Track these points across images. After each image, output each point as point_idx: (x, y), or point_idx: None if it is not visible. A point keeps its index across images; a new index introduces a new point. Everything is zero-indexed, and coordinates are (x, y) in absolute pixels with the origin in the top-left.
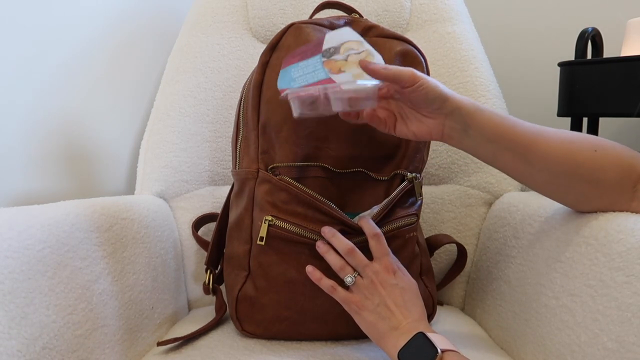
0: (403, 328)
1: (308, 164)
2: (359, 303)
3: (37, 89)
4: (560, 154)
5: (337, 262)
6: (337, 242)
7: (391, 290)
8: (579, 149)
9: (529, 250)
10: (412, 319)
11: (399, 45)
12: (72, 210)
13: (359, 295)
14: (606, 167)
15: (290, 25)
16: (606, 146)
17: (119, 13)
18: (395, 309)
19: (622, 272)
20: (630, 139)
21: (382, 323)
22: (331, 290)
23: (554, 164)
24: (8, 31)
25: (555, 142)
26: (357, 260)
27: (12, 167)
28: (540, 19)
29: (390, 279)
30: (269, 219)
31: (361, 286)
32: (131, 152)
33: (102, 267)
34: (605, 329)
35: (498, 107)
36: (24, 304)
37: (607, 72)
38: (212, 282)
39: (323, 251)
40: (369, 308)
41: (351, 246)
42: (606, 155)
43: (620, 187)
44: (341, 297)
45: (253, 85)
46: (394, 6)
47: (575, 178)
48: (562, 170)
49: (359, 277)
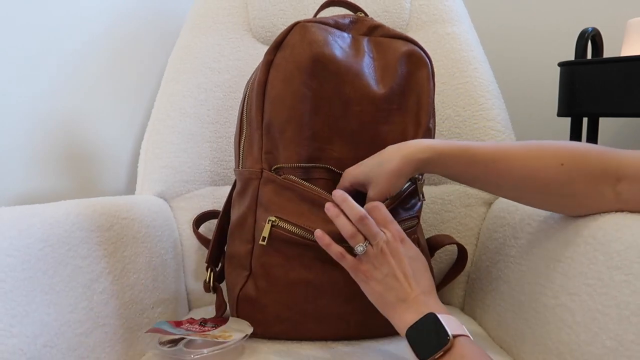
0: (411, 301)
1: (312, 166)
2: (368, 272)
3: (37, 89)
4: (524, 173)
5: (348, 228)
6: (348, 208)
7: (400, 260)
8: (544, 166)
9: (528, 250)
10: (421, 291)
11: (404, 46)
12: (73, 209)
13: (367, 265)
14: (575, 179)
15: (296, 24)
16: (575, 156)
17: (119, 13)
18: (404, 279)
19: (620, 270)
20: (630, 139)
21: (389, 294)
22: (340, 256)
23: (520, 184)
24: (8, 31)
25: (518, 161)
26: (368, 228)
27: (12, 167)
28: (540, 19)
29: (400, 247)
30: (272, 220)
31: (371, 255)
32: (131, 152)
33: (103, 267)
34: (605, 328)
35: (497, 108)
36: (25, 302)
37: (607, 72)
38: (212, 281)
39: (333, 214)
40: (377, 278)
41: (363, 213)
42: (576, 168)
43: (597, 193)
44: (349, 264)
45: (257, 85)
46: (393, 7)
47: (547, 193)
48: (531, 187)
49: (369, 246)
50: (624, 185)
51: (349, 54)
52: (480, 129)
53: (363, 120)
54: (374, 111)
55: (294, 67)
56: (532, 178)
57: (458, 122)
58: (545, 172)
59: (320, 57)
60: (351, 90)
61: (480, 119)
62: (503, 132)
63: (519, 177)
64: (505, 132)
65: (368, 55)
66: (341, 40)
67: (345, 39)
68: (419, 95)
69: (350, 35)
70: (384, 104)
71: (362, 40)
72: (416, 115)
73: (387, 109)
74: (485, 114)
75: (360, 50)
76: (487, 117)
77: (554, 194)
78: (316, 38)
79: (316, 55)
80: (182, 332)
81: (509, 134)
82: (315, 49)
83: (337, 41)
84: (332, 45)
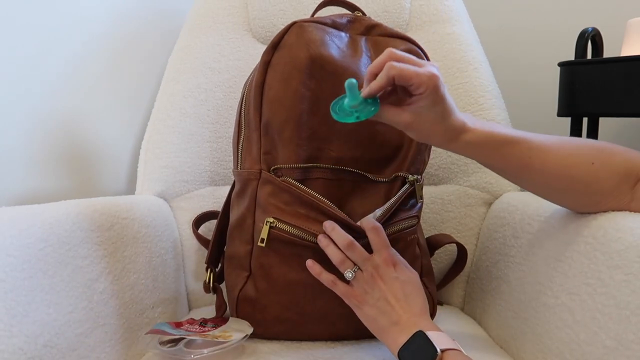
0: (404, 324)
1: (311, 166)
2: (360, 297)
3: (38, 89)
4: (557, 170)
5: (337, 256)
6: (337, 236)
7: (392, 284)
8: (576, 164)
9: (529, 250)
10: (412, 313)
11: (402, 45)
12: (73, 209)
13: (359, 290)
14: (603, 178)
15: (293, 24)
16: (604, 156)
17: (119, 13)
18: (396, 303)
19: (620, 270)
20: (630, 139)
21: (382, 318)
22: (331, 284)
23: (550, 180)
24: (8, 31)
25: (553, 157)
26: (356, 254)
27: (12, 167)
28: (540, 19)
29: (391, 272)
30: (270, 221)
31: (361, 280)
32: (131, 152)
33: (103, 266)
34: (604, 327)
35: (497, 108)
36: (25, 302)
37: (607, 72)
38: (212, 281)
39: (324, 245)
40: (370, 302)
41: (350, 240)
42: (603, 167)
43: (618, 192)
44: (342, 291)
45: (255, 85)
46: (393, 7)
47: (572, 191)
48: (559, 185)
49: (359, 271)
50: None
51: (346, 54)
52: None
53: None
54: None
55: (292, 67)
56: (563, 176)
57: None
58: (578, 169)
59: (317, 57)
60: None
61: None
62: None
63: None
64: None
65: (366, 54)
66: (338, 40)
67: (342, 38)
68: None
69: (347, 34)
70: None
71: (360, 40)
72: None
73: None
74: (485, 114)
75: (357, 50)
76: (487, 117)
77: (578, 192)
78: (313, 38)
79: (313, 55)
80: (182, 333)
81: None
82: (312, 49)
83: (334, 41)
84: (330, 45)
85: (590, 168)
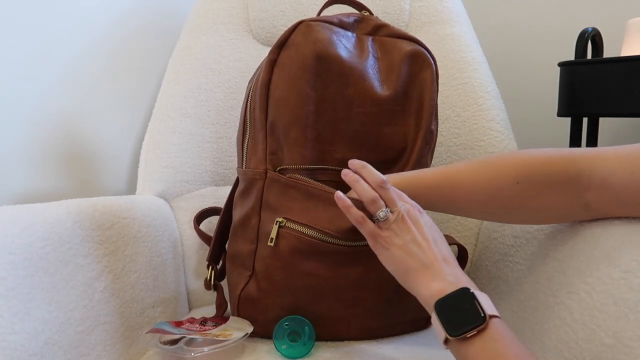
0: (436, 269)
1: (317, 167)
2: (388, 239)
3: (38, 89)
4: (483, 198)
5: (369, 193)
6: (369, 174)
7: (421, 227)
8: (499, 187)
9: (527, 249)
10: (443, 257)
11: (408, 46)
12: (74, 208)
13: (388, 231)
14: (538, 194)
15: (300, 23)
16: (534, 168)
17: (120, 14)
18: (427, 245)
19: (618, 268)
20: (630, 139)
21: (412, 260)
22: (360, 221)
23: (482, 207)
24: (9, 31)
25: (474, 186)
26: (389, 194)
27: (13, 167)
28: (540, 19)
29: (419, 216)
30: (280, 221)
31: (391, 222)
32: (132, 152)
33: (104, 265)
34: (603, 325)
35: (497, 108)
36: (26, 299)
37: (607, 72)
38: (213, 278)
39: (352, 179)
40: (398, 244)
41: (384, 178)
42: (534, 182)
43: (566, 204)
44: (370, 230)
45: (261, 84)
46: (393, 8)
47: (511, 211)
48: (492, 209)
49: (389, 212)
50: (591, 195)
51: (353, 54)
52: (480, 130)
53: (365, 121)
54: (376, 113)
55: (298, 67)
56: (492, 200)
57: (457, 122)
58: (502, 193)
59: (324, 56)
60: (354, 92)
61: (480, 120)
62: (502, 132)
63: (478, 202)
64: (505, 132)
65: (372, 55)
66: (345, 39)
67: (349, 38)
68: (423, 97)
69: (354, 34)
70: (387, 105)
71: (367, 40)
72: (418, 117)
73: (391, 111)
74: (485, 114)
75: (364, 50)
76: (486, 118)
77: (519, 211)
78: (320, 37)
79: (320, 54)
80: (182, 332)
81: (508, 134)
82: (319, 48)
83: (341, 40)
84: (337, 45)
85: (515, 188)
